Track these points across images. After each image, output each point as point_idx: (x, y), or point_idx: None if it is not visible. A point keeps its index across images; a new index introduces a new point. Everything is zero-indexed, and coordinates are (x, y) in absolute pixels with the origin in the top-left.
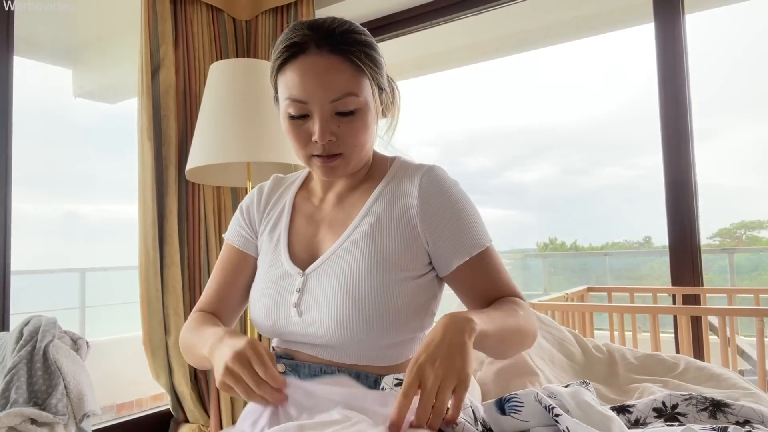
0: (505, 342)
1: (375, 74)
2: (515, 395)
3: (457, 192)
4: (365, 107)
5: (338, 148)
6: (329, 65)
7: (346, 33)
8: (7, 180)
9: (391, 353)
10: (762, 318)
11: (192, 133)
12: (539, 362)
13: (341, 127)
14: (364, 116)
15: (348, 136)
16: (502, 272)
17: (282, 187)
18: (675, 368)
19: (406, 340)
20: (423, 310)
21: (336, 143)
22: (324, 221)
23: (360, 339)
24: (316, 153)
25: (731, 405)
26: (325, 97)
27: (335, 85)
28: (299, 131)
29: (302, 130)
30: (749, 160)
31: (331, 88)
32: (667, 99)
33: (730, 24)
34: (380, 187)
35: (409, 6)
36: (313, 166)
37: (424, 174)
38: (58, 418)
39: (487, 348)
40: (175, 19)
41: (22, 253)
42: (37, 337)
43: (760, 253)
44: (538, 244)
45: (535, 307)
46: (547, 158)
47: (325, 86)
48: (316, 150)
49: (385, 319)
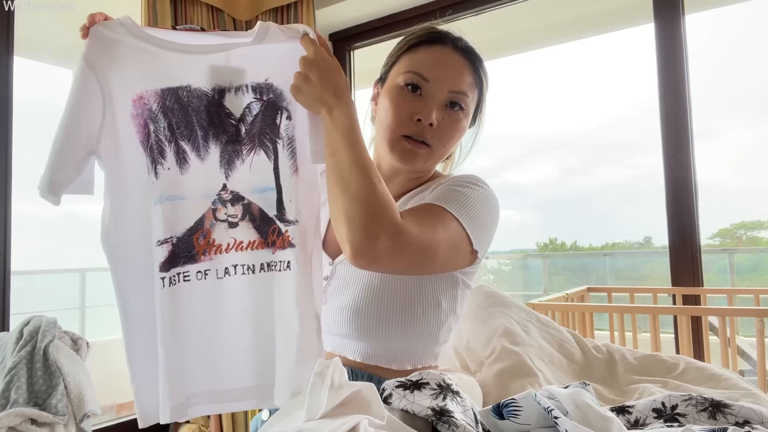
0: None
1: (484, 90)
2: (513, 400)
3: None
4: (467, 112)
5: (431, 138)
6: (461, 64)
7: (474, 53)
8: (7, 180)
9: (402, 357)
10: (762, 318)
11: None
12: (539, 363)
13: (445, 119)
14: (462, 119)
15: (445, 130)
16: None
17: None
18: (675, 369)
19: (418, 347)
20: (441, 312)
21: (433, 132)
22: None
23: (375, 332)
24: (409, 133)
25: (731, 406)
26: (448, 85)
27: (460, 80)
28: (404, 105)
29: (407, 106)
30: (749, 160)
31: (456, 80)
32: (667, 99)
33: (730, 24)
34: (421, 188)
35: (409, 6)
36: (397, 147)
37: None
38: (58, 418)
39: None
40: (175, 19)
41: (22, 253)
42: (37, 338)
43: (760, 254)
44: (538, 245)
45: (535, 307)
46: (545, 158)
47: (452, 77)
48: (411, 130)
49: (401, 314)
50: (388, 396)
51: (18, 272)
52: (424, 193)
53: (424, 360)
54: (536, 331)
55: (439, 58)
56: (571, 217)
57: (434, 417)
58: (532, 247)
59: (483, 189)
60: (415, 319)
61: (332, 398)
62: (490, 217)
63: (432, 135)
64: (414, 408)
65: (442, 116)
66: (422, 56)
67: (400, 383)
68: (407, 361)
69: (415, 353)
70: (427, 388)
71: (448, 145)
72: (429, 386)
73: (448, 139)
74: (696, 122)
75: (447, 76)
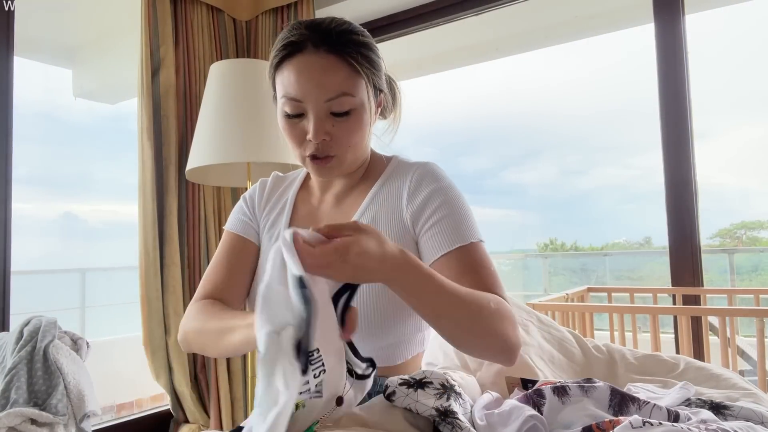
0: (443, 305)
1: (372, 75)
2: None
3: (446, 186)
4: (360, 108)
5: (332, 149)
6: (325, 65)
7: (344, 33)
8: (7, 180)
9: (389, 354)
10: (762, 318)
11: (192, 133)
12: (539, 362)
13: (336, 126)
14: (359, 117)
15: (342, 136)
16: (488, 272)
17: (282, 185)
18: (675, 368)
19: (403, 341)
20: None
21: (330, 144)
22: (322, 222)
23: (358, 338)
24: (311, 153)
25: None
26: (321, 96)
27: (331, 84)
28: (294, 130)
29: (297, 129)
30: (749, 160)
31: (326, 88)
32: (667, 99)
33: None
34: (376, 186)
35: (409, 6)
36: (308, 166)
37: (417, 169)
38: (58, 418)
39: (418, 297)
40: (175, 19)
41: (22, 253)
42: (37, 338)
43: (760, 254)
44: (538, 245)
45: (535, 307)
46: (544, 158)
47: (320, 86)
48: (311, 149)
49: (380, 318)
50: (391, 393)
51: (18, 272)
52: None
53: (413, 349)
54: (536, 331)
55: (301, 71)
56: (571, 217)
57: (438, 417)
58: (532, 247)
59: (445, 179)
60: (395, 315)
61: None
62: (469, 206)
63: (331, 146)
64: (418, 407)
65: (332, 124)
66: (287, 75)
67: (403, 381)
68: (398, 356)
69: (402, 346)
70: (431, 388)
71: (354, 144)
72: (432, 386)
73: (349, 142)
74: (696, 122)
75: (315, 88)
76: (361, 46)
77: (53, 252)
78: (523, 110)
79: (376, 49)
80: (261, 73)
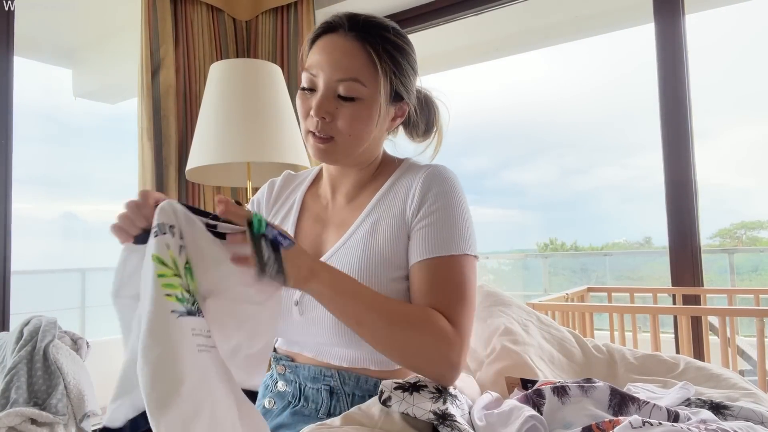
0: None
1: (392, 75)
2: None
3: (449, 190)
4: (368, 100)
5: (331, 130)
6: (348, 48)
7: (375, 26)
8: (7, 180)
9: (386, 358)
10: (762, 318)
11: (192, 133)
12: (539, 362)
13: (339, 110)
14: (364, 108)
15: (343, 120)
16: (453, 289)
17: (293, 184)
18: (675, 368)
19: None
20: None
21: (330, 124)
22: (330, 221)
23: (357, 339)
24: (312, 129)
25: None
26: (333, 74)
27: (346, 66)
28: (304, 103)
29: (306, 103)
30: (749, 160)
31: (340, 68)
32: (667, 99)
33: (730, 24)
34: (386, 185)
35: (410, 6)
36: (308, 142)
37: (427, 169)
38: (58, 418)
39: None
40: (175, 19)
41: (22, 253)
42: (37, 337)
43: (760, 254)
44: (538, 245)
45: (535, 307)
46: (544, 158)
47: (336, 64)
48: (312, 125)
49: None
50: (387, 399)
51: (18, 272)
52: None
53: None
54: (536, 331)
55: (324, 47)
56: (571, 217)
57: (437, 421)
58: (533, 247)
59: (454, 183)
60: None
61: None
62: (469, 216)
63: (330, 127)
64: (415, 411)
65: (336, 106)
66: (314, 51)
67: (398, 385)
68: None
69: None
70: (426, 391)
71: (354, 134)
72: (427, 389)
73: (349, 129)
74: (696, 122)
75: (331, 65)
76: (389, 43)
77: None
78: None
79: (408, 55)
80: (261, 73)
